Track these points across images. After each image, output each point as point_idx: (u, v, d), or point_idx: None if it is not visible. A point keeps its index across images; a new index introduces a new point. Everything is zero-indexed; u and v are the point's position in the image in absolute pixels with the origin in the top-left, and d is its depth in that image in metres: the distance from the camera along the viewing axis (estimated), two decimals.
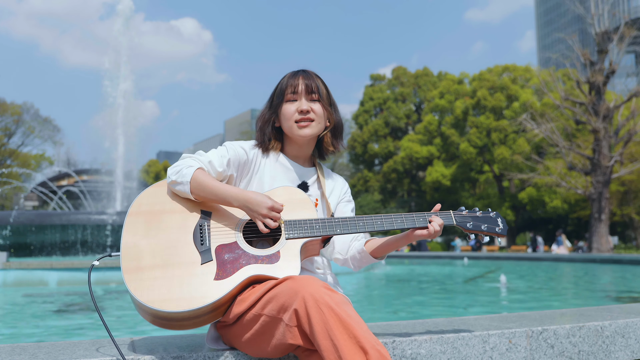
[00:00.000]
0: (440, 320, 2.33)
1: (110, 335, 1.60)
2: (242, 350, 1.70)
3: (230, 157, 1.86)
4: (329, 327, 1.43)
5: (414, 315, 5.31)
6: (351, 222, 1.78)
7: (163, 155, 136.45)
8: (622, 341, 2.28)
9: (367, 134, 49.08)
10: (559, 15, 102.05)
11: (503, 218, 1.89)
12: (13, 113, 46.53)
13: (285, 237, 1.72)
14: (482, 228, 1.84)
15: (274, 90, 1.97)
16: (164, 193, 1.81)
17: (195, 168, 1.76)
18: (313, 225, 1.75)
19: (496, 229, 1.85)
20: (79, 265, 8.54)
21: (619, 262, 16.46)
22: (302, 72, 1.95)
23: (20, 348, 1.76)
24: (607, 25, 27.43)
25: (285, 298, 1.52)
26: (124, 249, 1.68)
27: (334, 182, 2.06)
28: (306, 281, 1.53)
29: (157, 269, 1.64)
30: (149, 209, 1.76)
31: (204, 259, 1.66)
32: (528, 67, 44.02)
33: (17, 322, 4.82)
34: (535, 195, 38.95)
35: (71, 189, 22.56)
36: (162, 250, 1.68)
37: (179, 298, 1.59)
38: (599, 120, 25.31)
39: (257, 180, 1.91)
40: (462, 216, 1.86)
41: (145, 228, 1.72)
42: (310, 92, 1.92)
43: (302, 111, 1.89)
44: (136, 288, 1.61)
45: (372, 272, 12.57)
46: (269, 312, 1.56)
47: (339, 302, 1.49)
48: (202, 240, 1.70)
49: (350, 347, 1.41)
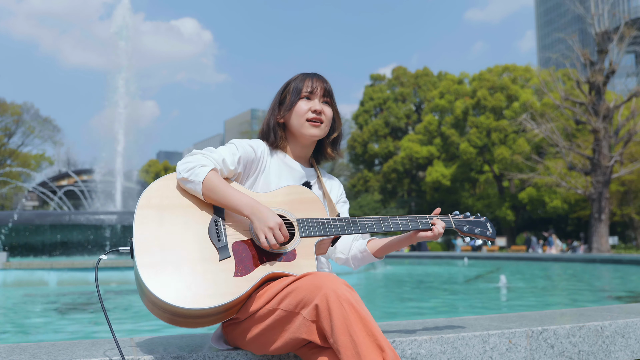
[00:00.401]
0: (440, 320, 2.33)
1: (113, 334, 1.60)
2: (245, 348, 1.70)
3: (241, 155, 1.84)
4: (349, 323, 1.44)
5: (414, 316, 5.31)
6: (360, 223, 1.83)
7: (163, 155, 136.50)
8: (622, 341, 2.28)
9: (367, 134, 49.07)
10: (559, 15, 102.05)
11: (492, 223, 2.05)
12: (13, 113, 46.52)
13: (300, 236, 1.73)
14: (475, 232, 1.99)
15: (285, 88, 1.99)
16: (174, 187, 1.75)
17: (209, 169, 1.72)
18: (325, 225, 1.77)
19: (487, 233, 2.00)
20: (79, 265, 8.54)
21: (619, 262, 16.47)
22: (318, 75, 1.99)
23: (20, 348, 1.76)
24: (607, 25, 27.43)
25: (305, 293, 1.53)
26: (138, 243, 1.62)
27: (331, 183, 2.10)
28: (328, 278, 1.54)
29: (174, 264, 1.59)
30: (159, 202, 1.70)
31: (222, 255, 1.64)
32: (528, 67, 44.02)
33: (17, 322, 4.82)
34: (535, 195, 38.95)
35: (71, 188, 22.55)
36: (178, 244, 1.63)
37: (199, 295, 1.56)
38: (599, 120, 25.31)
39: (263, 179, 1.91)
40: (459, 220, 1.99)
41: (158, 221, 1.66)
42: (324, 95, 1.96)
43: (315, 110, 1.92)
44: (152, 283, 1.55)
45: (372, 272, 12.58)
46: (285, 307, 1.56)
47: (359, 301, 1.51)
48: (219, 236, 1.67)
49: (368, 343, 1.43)
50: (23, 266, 8.50)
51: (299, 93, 1.94)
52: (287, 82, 2.00)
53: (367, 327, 1.45)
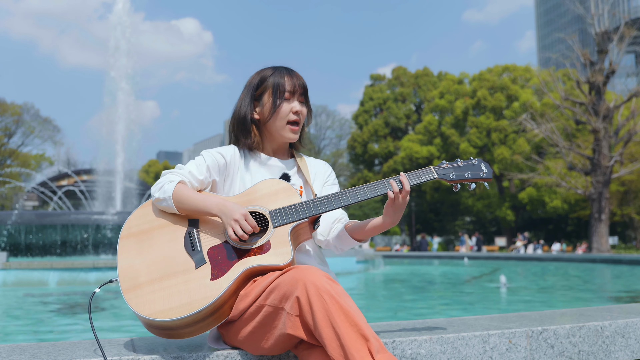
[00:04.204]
0: (440, 320, 2.33)
1: (98, 341, 1.60)
2: (241, 347, 1.70)
3: (208, 163, 1.88)
4: (331, 315, 1.44)
5: (414, 315, 5.31)
6: (334, 198, 1.77)
7: (163, 155, 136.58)
8: (622, 341, 2.28)
9: (367, 134, 49.08)
10: (559, 15, 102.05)
11: (487, 163, 1.85)
12: (13, 113, 46.54)
13: (274, 226, 1.74)
14: (465, 176, 1.81)
15: (262, 84, 1.93)
16: (151, 212, 1.83)
17: (176, 182, 1.78)
18: (298, 209, 1.75)
19: (480, 174, 1.82)
20: (79, 265, 8.54)
21: (619, 262, 16.47)
22: (294, 72, 1.96)
23: (20, 348, 1.76)
24: (607, 25, 27.44)
25: (287, 287, 1.53)
26: (121, 272, 1.70)
27: (316, 167, 2.06)
28: (308, 270, 1.54)
29: (155, 282, 1.66)
30: (138, 229, 1.79)
31: (197, 263, 1.68)
32: (528, 67, 44.04)
33: (17, 322, 4.82)
34: (535, 195, 38.97)
35: (71, 188, 22.56)
36: (157, 264, 1.70)
37: (180, 305, 1.60)
38: (599, 120, 25.32)
39: (239, 180, 1.92)
40: (443, 169, 1.82)
41: (138, 248, 1.74)
42: (301, 94, 1.95)
43: (296, 112, 1.92)
44: (137, 304, 1.63)
45: (372, 272, 12.58)
46: (271, 302, 1.57)
47: (340, 293, 1.50)
48: (193, 246, 1.72)
49: (352, 334, 1.42)
50: (23, 266, 8.50)
51: (282, 93, 1.91)
52: (262, 76, 1.94)
53: (349, 318, 1.44)
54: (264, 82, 1.93)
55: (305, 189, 1.98)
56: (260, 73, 1.96)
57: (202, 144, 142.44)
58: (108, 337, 3.33)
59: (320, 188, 2.03)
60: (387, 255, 22.33)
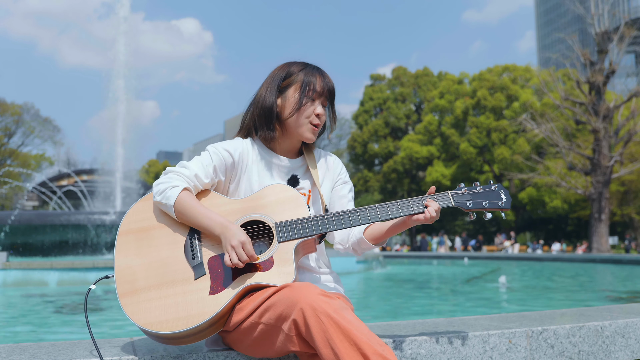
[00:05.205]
0: (440, 320, 2.33)
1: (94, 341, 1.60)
2: (244, 352, 1.70)
3: (216, 164, 1.80)
4: (329, 336, 1.42)
5: (414, 316, 5.31)
6: (344, 217, 1.70)
7: (163, 155, 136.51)
8: (622, 341, 2.28)
9: (367, 134, 49.06)
10: (559, 15, 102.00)
11: (506, 190, 1.77)
12: (13, 113, 46.55)
13: (278, 241, 1.68)
14: (483, 205, 1.73)
15: (289, 77, 1.85)
16: (151, 207, 1.76)
17: (180, 189, 1.70)
18: (305, 225, 1.69)
19: (499, 203, 1.74)
20: (79, 265, 8.54)
21: (619, 262, 16.47)
22: (323, 71, 1.88)
23: (20, 348, 1.76)
24: (607, 25, 27.44)
25: (283, 308, 1.51)
26: (118, 272, 1.67)
27: (326, 164, 1.97)
28: (304, 290, 1.51)
29: (152, 289, 1.63)
30: (138, 226, 1.74)
31: (197, 273, 1.64)
32: (528, 67, 44.03)
33: (17, 322, 4.82)
34: (535, 195, 38.95)
35: (71, 188, 22.54)
36: (155, 268, 1.66)
37: (177, 318, 1.58)
38: (599, 120, 25.32)
39: (245, 180, 1.85)
40: (460, 195, 1.75)
41: (137, 247, 1.70)
42: (327, 98, 1.88)
43: (318, 115, 1.85)
44: (132, 312, 1.61)
45: (372, 272, 12.58)
46: (266, 321, 1.55)
47: (338, 309, 1.47)
48: (194, 254, 1.67)
49: (351, 354, 1.41)
50: (23, 266, 8.50)
51: (310, 92, 1.83)
52: (290, 69, 1.86)
53: (348, 336, 1.42)
54: (291, 76, 1.85)
55: (313, 191, 1.91)
56: (288, 66, 1.87)
57: (202, 144, 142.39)
58: (109, 337, 3.33)
59: (331, 188, 1.95)
60: (387, 255, 22.31)
